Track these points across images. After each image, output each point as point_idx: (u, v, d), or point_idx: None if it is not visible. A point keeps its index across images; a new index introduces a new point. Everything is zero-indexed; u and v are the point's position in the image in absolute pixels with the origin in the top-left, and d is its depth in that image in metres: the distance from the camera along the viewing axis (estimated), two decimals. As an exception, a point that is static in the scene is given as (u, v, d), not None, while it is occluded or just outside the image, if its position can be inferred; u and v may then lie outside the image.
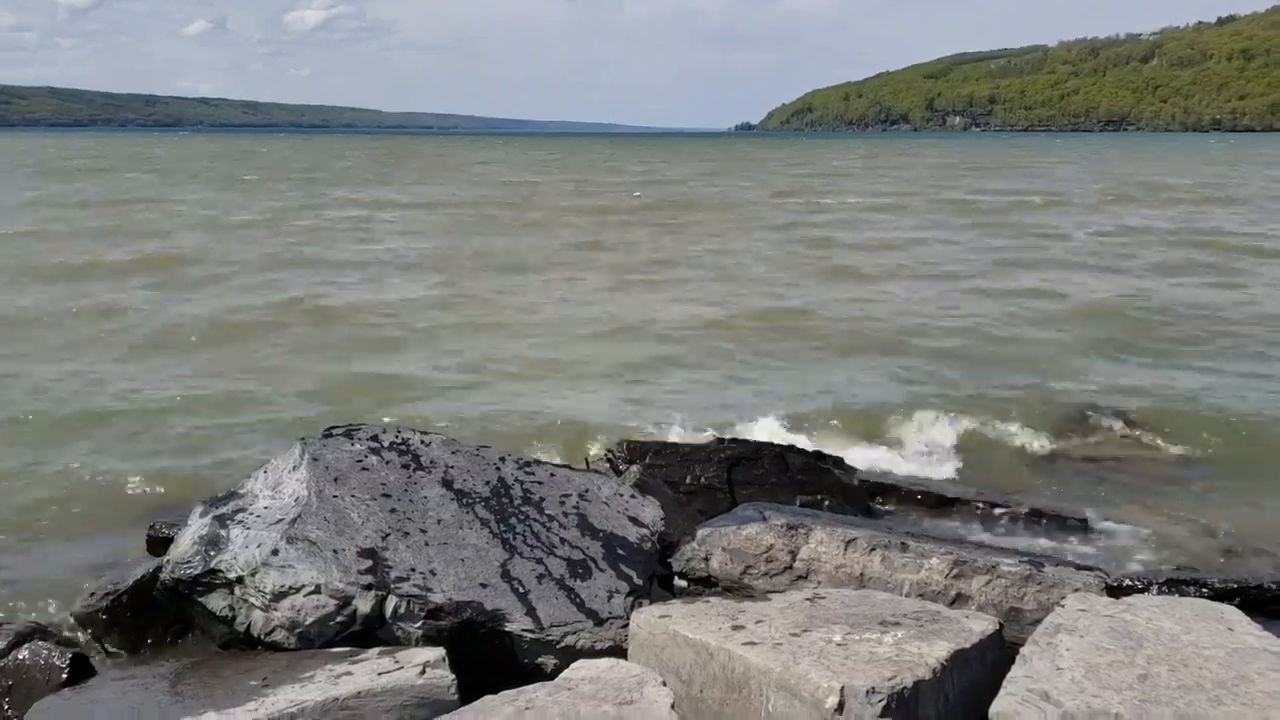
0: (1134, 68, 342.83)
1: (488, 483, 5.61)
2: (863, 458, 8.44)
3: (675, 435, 8.72)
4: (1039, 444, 9.12)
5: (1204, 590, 5.48)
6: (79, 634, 5.38)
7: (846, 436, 9.23)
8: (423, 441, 5.84)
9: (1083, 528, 7.10)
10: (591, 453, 7.82)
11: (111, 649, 5.33)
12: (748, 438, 7.89)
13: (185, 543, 5.06)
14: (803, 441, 8.32)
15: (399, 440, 5.80)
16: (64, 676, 4.75)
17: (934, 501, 7.44)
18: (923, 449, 8.98)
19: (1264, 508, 7.58)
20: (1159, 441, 8.97)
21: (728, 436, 7.74)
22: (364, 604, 4.75)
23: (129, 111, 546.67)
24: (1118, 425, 9.24)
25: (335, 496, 5.24)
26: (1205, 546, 6.85)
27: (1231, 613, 4.45)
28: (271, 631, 4.77)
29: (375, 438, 5.78)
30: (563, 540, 5.33)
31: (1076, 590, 4.92)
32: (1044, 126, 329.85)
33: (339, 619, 4.73)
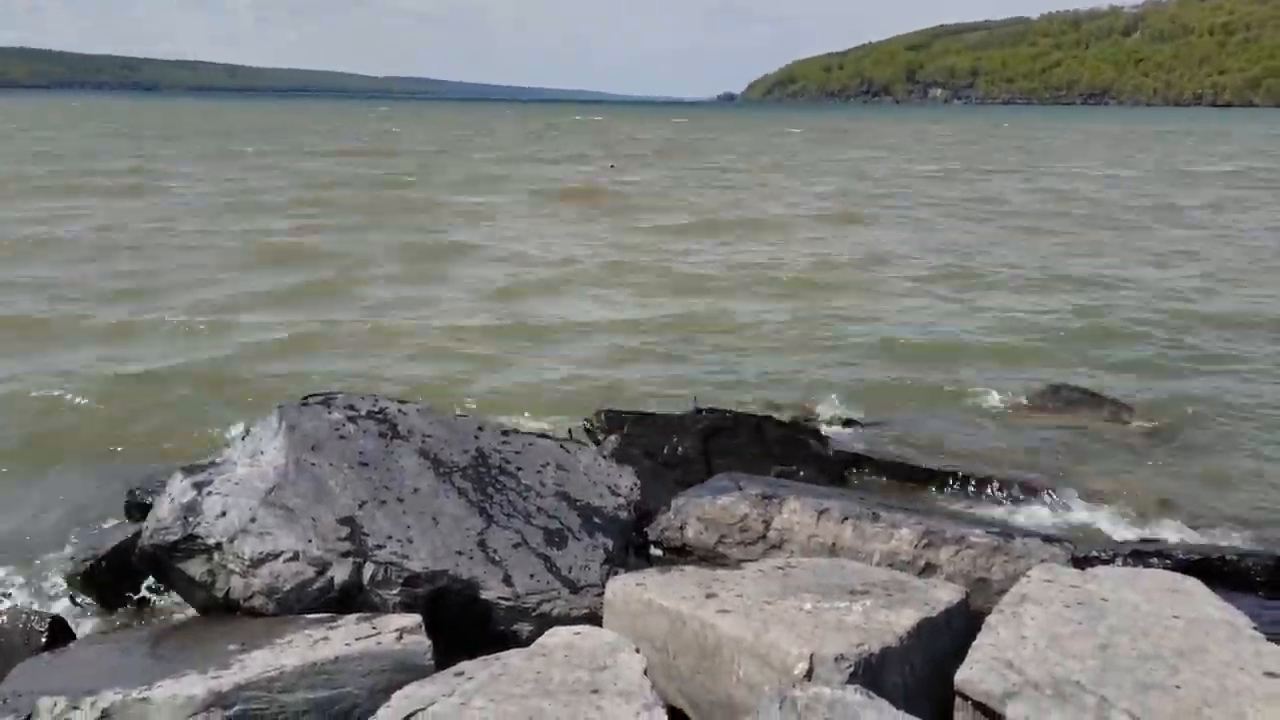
0: (1115, 41, 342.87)
1: (465, 451, 5.66)
2: (838, 430, 8.53)
3: (654, 405, 8.77)
4: (1010, 419, 9.24)
5: (1167, 562, 5.59)
6: (58, 598, 5.41)
7: (822, 409, 9.31)
8: (400, 410, 5.87)
9: (1051, 500, 7.21)
10: (571, 423, 7.86)
11: (90, 613, 5.37)
12: (726, 409, 7.94)
13: (164, 509, 5.09)
14: (780, 413, 8.40)
15: (376, 409, 5.82)
16: (43, 640, 4.79)
17: (907, 473, 7.53)
18: (897, 423, 9.07)
19: (1227, 482, 7.73)
20: (1127, 417, 9.10)
21: (706, 407, 7.80)
22: (341, 571, 4.80)
23: (106, 74, 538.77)
24: (1086, 401, 9.36)
25: (313, 465, 5.27)
26: (1170, 519, 6.97)
27: (1192, 584, 4.54)
28: (250, 597, 4.81)
29: (352, 406, 5.80)
30: (540, 509, 5.38)
31: (1043, 561, 5.02)
32: (1025, 99, 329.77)
33: (317, 585, 4.78)
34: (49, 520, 6.41)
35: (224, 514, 4.99)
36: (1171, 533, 6.73)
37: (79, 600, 5.40)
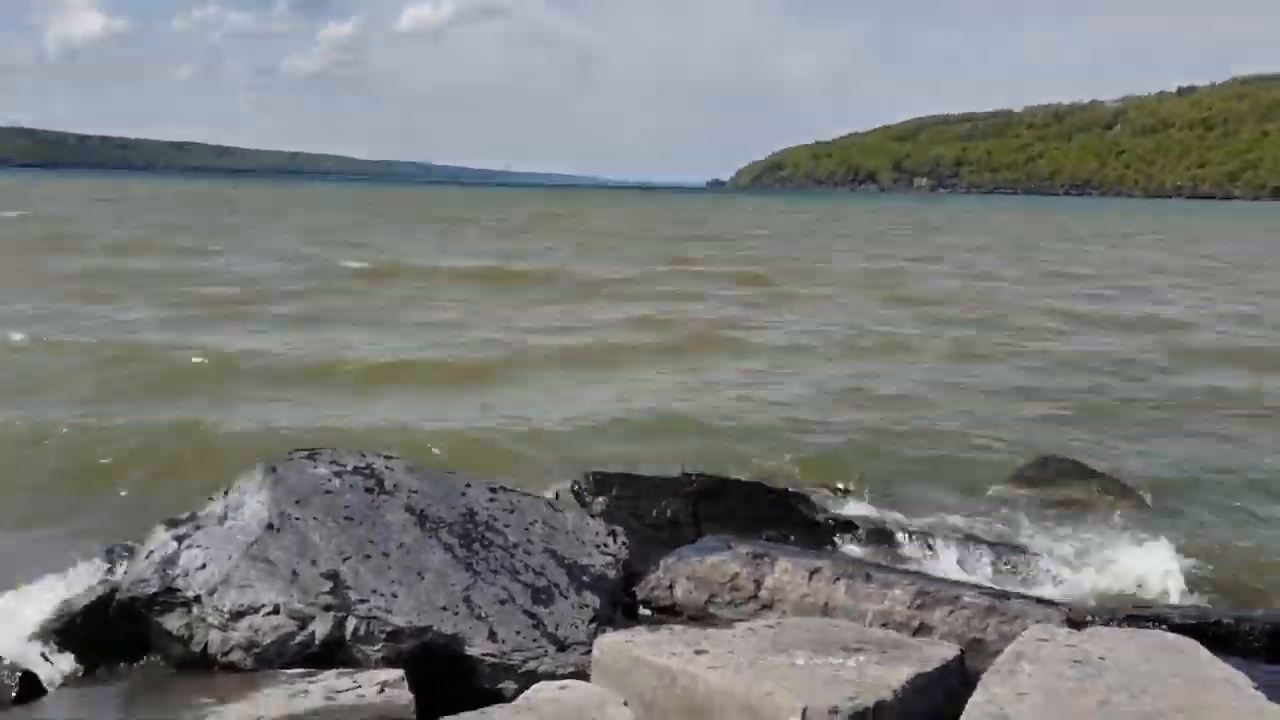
0: (1097, 134, 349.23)
1: (452, 507, 5.58)
2: (827, 496, 8.47)
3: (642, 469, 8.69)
4: (1001, 490, 9.17)
5: (1163, 626, 5.50)
6: (30, 652, 5.25)
7: (811, 476, 9.25)
8: (387, 466, 5.81)
9: (1042, 567, 7.13)
10: (557, 485, 7.78)
11: (64, 668, 5.21)
12: (715, 474, 7.88)
13: (143, 561, 5.00)
14: (770, 479, 8.34)
15: (362, 464, 5.76)
16: (14, 695, 4.65)
17: (897, 539, 7.44)
18: (888, 492, 9.01)
19: (1219, 551, 7.67)
20: (1118, 488, 9.06)
21: (695, 472, 7.73)
22: (323, 625, 4.70)
23: (101, 154, 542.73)
24: (1077, 472, 9.31)
25: (297, 519, 5.19)
26: (1163, 587, 6.90)
27: (1190, 645, 4.47)
28: (229, 651, 4.71)
29: (338, 461, 5.74)
30: (526, 566, 5.30)
31: (1038, 622, 4.95)
32: (1009, 189, 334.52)
33: (298, 640, 4.68)
34: (22, 571, 6.26)
35: (204, 566, 4.91)
36: (1165, 600, 6.66)
37: (51, 655, 5.24)
